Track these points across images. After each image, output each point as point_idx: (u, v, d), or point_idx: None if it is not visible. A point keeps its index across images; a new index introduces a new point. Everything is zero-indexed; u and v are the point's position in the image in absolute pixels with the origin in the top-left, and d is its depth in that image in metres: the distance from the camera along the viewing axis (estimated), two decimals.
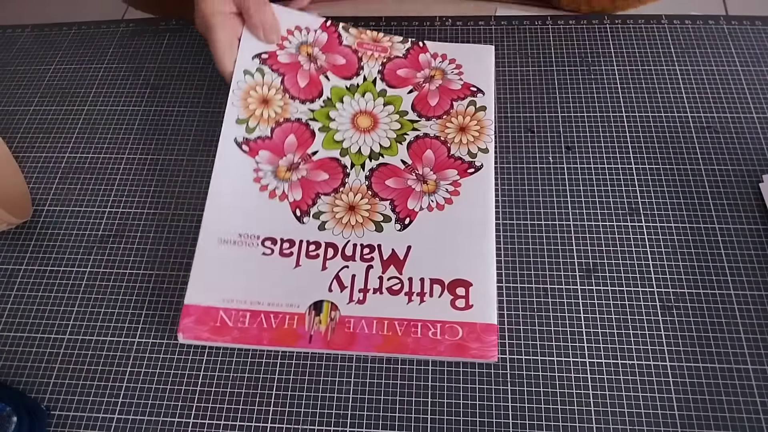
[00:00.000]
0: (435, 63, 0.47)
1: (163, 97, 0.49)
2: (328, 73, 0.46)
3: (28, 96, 0.50)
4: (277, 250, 0.39)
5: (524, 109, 0.46)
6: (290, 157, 0.42)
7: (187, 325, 0.36)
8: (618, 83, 0.46)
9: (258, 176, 0.41)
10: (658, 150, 0.43)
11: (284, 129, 0.43)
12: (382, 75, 0.46)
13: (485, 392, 0.35)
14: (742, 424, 0.34)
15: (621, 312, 0.37)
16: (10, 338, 0.39)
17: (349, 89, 0.45)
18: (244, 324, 0.36)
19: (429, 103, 0.45)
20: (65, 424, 0.36)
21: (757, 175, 0.42)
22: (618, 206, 0.41)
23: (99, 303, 0.40)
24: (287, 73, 0.45)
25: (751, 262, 0.38)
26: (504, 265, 0.39)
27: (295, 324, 0.36)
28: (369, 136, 0.44)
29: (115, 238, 0.42)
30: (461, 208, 0.40)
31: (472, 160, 0.42)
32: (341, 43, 0.47)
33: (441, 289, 0.37)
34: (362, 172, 0.42)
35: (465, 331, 0.36)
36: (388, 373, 0.36)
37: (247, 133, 0.42)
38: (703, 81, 0.46)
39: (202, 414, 0.36)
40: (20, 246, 0.43)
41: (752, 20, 0.49)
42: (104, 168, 0.46)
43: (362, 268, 0.38)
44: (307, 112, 0.44)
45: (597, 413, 0.34)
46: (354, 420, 0.35)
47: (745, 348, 0.36)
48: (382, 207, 0.41)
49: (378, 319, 0.36)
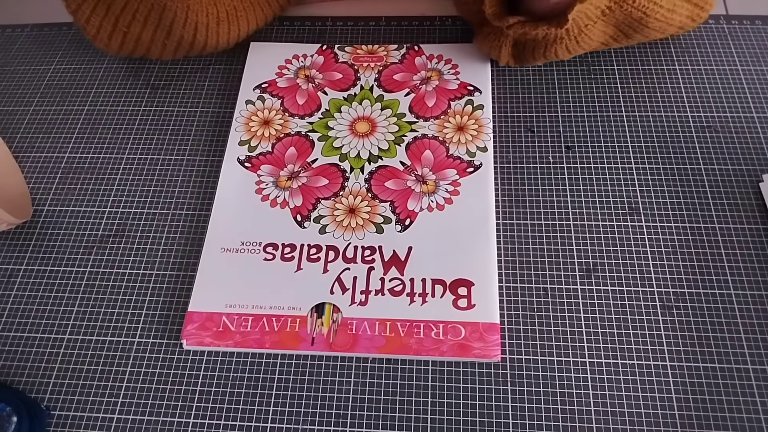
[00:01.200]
0: (431, 64, 0.47)
1: (163, 97, 0.49)
2: (325, 89, 0.47)
3: (28, 96, 0.50)
4: (279, 255, 0.39)
5: (524, 109, 0.46)
6: (290, 167, 0.43)
7: (191, 332, 0.37)
8: (618, 83, 0.46)
9: (260, 188, 0.42)
10: (658, 150, 0.43)
11: (285, 143, 0.44)
12: (379, 82, 0.47)
13: (485, 392, 0.35)
14: (742, 424, 0.34)
15: (621, 312, 0.37)
16: (10, 338, 0.39)
17: (347, 99, 0.46)
18: (247, 328, 0.37)
19: (426, 104, 0.45)
20: (65, 424, 0.36)
21: (757, 175, 0.42)
22: (618, 206, 0.41)
23: (99, 303, 0.40)
24: (286, 96, 0.46)
25: (751, 262, 0.38)
26: (504, 265, 0.39)
27: (297, 327, 0.37)
28: (367, 140, 0.44)
29: (115, 238, 0.42)
30: (461, 208, 0.40)
31: (471, 159, 0.42)
32: (337, 61, 0.48)
33: (443, 289, 0.37)
34: (362, 175, 0.42)
35: (467, 330, 0.36)
36: (388, 373, 0.36)
37: (249, 152, 0.44)
38: (703, 81, 0.46)
39: (202, 414, 0.36)
40: (20, 246, 0.43)
41: (752, 20, 0.49)
42: (104, 168, 0.46)
43: (363, 269, 0.38)
44: (306, 125, 0.45)
45: (597, 413, 0.34)
46: (354, 420, 0.35)
47: (745, 348, 0.36)
48: (383, 209, 0.41)
49: (380, 320, 0.36)
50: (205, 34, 0.45)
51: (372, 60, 0.48)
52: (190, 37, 0.45)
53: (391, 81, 0.47)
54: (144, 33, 0.45)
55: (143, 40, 0.46)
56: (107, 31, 0.45)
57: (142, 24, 0.44)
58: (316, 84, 0.47)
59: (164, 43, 0.46)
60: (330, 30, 0.52)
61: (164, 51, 0.47)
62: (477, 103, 0.45)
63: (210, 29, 0.45)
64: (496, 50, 0.45)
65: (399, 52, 0.48)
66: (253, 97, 0.47)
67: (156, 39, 0.46)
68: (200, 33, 0.45)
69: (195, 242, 0.42)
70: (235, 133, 0.45)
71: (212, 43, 0.46)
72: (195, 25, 0.44)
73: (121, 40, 0.46)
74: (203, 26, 0.44)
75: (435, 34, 0.51)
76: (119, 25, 0.45)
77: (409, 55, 0.48)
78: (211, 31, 0.45)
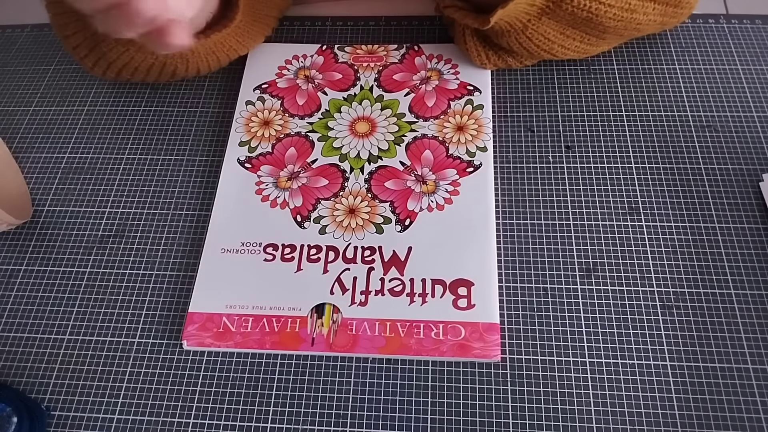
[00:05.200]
0: (431, 64, 0.47)
1: (163, 97, 0.49)
2: (325, 89, 0.47)
3: (28, 96, 0.50)
4: (279, 255, 0.39)
5: (524, 109, 0.46)
6: (290, 167, 0.43)
7: (191, 333, 0.37)
8: (618, 83, 0.46)
9: (260, 188, 0.42)
10: (658, 149, 0.43)
11: (285, 143, 0.44)
12: (379, 82, 0.47)
13: (485, 392, 0.35)
14: (742, 423, 0.34)
15: (621, 312, 0.37)
16: (10, 338, 0.39)
17: (347, 99, 0.46)
18: (247, 329, 0.37)
19: (426, 104, 0.45)
20: (65, 424, 0.36)
21: (757, 175, 0.42)
22: (618, 206, 0.41)
23: (99, 303, 0.40)
24: (286, 96, 0.46)
25: (751, 262, 0.38)
26: (504, 265, 0.39)
27: (297, 327, 0.37)
28: (367, 140, 0.44)
29: (115, 238, 0.42)
30: (461, 208, 0.40)
31: (470, 159, 0.42)
32: (337, 61, 0.48)
33: (443, 289, 0.37)
34: (361, 175, 0.42)
35: (467, 331, 0.36)
36: (388, 373, 0.36)
37: (249, 152, 0.44)
38: (703, 80, 0.46)
39: (202, 414, 0.36)
40: (20, 246, 0.43)
41: (752, 19, 0.49)
42: (104, 168, 0.46)
43: (363, 270, 0.38)
44: (306, 126, 0.45)
45: (597, 413, 0.34)
46: (354, 420, 0.35)
47: (745, 348, 0.36)
48: (382, 209, 0.41)
49: (380, 320, 0.36)
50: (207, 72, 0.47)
51: (372, 60, 0.48)
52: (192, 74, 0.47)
53: (390, 81, 0.47)
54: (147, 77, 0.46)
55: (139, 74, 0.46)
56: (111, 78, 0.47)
57: (144, 75, 0.45)
58: (316, 84, 0.47)
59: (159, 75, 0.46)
60: (330, 30, 0.52)
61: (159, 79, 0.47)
62: (477, 103, 0.45)
63: (211, 69, 0.47)
64: (461, 42, 0.45)
65: (399, 52, 0.48)
66: (253, 97, 0.47)
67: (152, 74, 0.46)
68: (202, 70, 0.46)
69: (195, 243, 0.42)
70: (236, 133, 0.45)
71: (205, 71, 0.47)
72: (197, 70, 0.46)
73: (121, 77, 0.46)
74: (205, 69, 0.46)
75: (435, 34, 0.50)
76: (123, 76, 0.46)
77: (409, 55, 0.48)
78: (212, 66, 0.46)
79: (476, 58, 0.46)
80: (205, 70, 0.46)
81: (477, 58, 0.46)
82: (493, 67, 0.46)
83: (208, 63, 0.45)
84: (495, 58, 0.46)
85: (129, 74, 0.45)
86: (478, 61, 0.46)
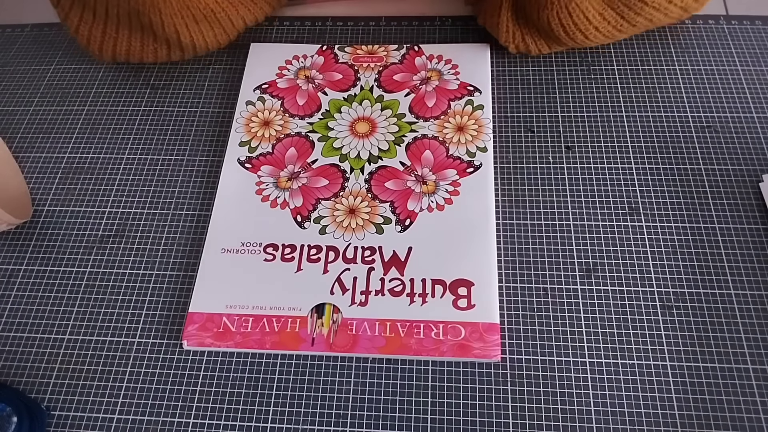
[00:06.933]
0: (431, 65, 0.47)
1: (163, 97, 0.49)
2: (325, 89, 0.47)
3: (28, 96, 0.50)
4: (279, 255, 0.39)
5: (524, 109, 0.46)
6: (291, 167, 0.43)
7: (191, 333, 0.37)
8: (618, 83, 0.47)
9: (260, 188, 0.42)
10: (658, 150, 0.43)
11: (285, 144, 0.44)
12: (379, 82, 0.47)
13: (485, 392, 0.35)
14: (742, 423, 0.34)
15: (621, 312, 0.37)
16: (10, 338, 0.39)
17: (347, 99, 0.46)
18: (247, 329, 0.37)
19: (426, 104, 0.45)
20: (65, 424, 0.36)
21: (757, 175, 0.42)
22: (618, 206, 0.41)
23: (99, 303, 0.40)
24: (287, 96, 0.46)
25: (751, 262, 0.38)
26: (503, 265, 0.39)
27: (297, 327, 0.37)
28: (367, 140, 0.44)
29: (115, 238, 0.42)
30: (461, 208, 0.40)
31: (471, 159, 0.42)
32: (337, 62, 0.48)
33: (443, 289, 0.37)
34: (362, 175, 0.42)
35: (468, 331, 0.36)
36: (388, 373, 0.36)
37: (249, 153, 0.44)
38: (703, 81, 0.46)
39: (202, 414, 0.36)
40: (20, 246, 0.43)
41: (752, 20, 0.49)
42: (104, 168, 0.46)
43: (363, 270, 0.38)
44: (306, 126, 0.45)
45: (597, 413, 0.34)
46: (354, 420, 0.35)
47: (745, 348, 0.36)
48: (383, 209, 0.41)
49: (380, 320, 0.36)
50: (188, 35, 0.45)
51: (372, 60, 0.48)
52: (175, 38, 0.45)
53: (391, 81, 0.47)
54: (132, 38, 0.45)
55: (134, 47, 0.46)
56: (97, 40, 0.46)
57: (128, 29, 0.44)
58: (316, 84, 0.47)
59: (154, 47, 0.46)
60: (330, 30, 0.52)
61: (157, 56, 0.47)
62: (477, 103, 0.45)
63: (191, 29, 0.44)
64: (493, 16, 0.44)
65: (399, 53, 0.48)
66: (253, 97, 0.47)
67: (145, 44, 0.45)
68: (183, 35, 0.44)
69: (195, 243, 0.42)
70: (236, 134, 0.45)
71: (201, 44, 0.46)
72: (174, 27, 0.43)
73: (113, 47, 0.46)
74: (182, 27, 0.44)
75: (435, 34, 0.51)
76: (108, 32, 0.45)
77: (409, 56, 0.48)
78: (193, 30, 0.45)
79: (504, 33, 0.45)
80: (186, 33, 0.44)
81: (504, 34, 0.45)
82: (514, 48, 0.46)
83: (185, 21, 0.43)
84: (520, 39, 0.45)
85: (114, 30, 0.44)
86: (504, 38, 0.45)
